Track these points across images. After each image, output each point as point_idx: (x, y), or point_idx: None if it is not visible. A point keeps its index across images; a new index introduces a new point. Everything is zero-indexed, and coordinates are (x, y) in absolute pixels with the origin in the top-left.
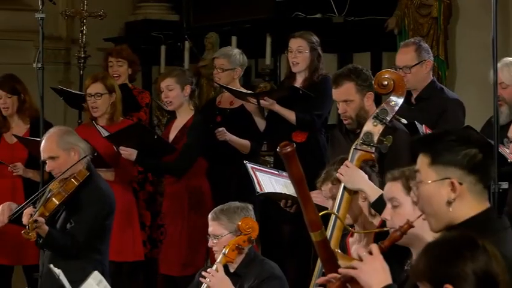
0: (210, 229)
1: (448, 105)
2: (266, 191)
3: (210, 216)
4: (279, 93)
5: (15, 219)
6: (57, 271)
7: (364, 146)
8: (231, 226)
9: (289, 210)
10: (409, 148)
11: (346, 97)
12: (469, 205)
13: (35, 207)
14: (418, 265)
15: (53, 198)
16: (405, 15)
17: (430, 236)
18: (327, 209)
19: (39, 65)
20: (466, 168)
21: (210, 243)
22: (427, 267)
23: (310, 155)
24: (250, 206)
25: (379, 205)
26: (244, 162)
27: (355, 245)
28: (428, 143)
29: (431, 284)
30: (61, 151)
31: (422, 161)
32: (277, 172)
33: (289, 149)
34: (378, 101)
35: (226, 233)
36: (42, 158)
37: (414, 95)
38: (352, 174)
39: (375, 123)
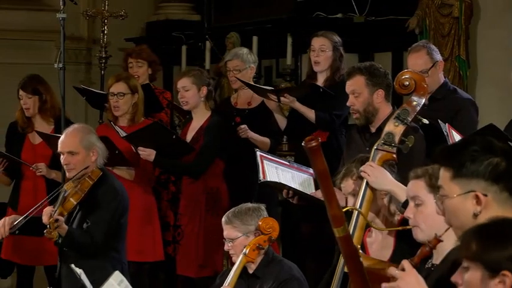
0: (224, 233)
1: (462, 105)
2: (268, 180)
3: (223, 220)
4: (299, 90)
5: (22, 228)
6: (79, 271)
7: (386, 147)
8: (244, 228)
9: (292, 201)
10: (432, 160)
11: (354, 88)
12: (495, 215)
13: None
14: (469, 245)
15: (71, 198)
16: (426, 15)
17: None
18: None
19: (61, 65)
20: (489, 179)
21: (226, 247)
22: (482, 248)
23: (330, 155)
24: (263, 207)
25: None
26: (255, 149)
27: (375, 245)
28: (449, 156)
29: (485, 267)
30: (82, 148)
31: (444, 175)
32: (288, 163)
33: (314, 144)
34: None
35: (240, 235)
36: (59, 150)
37: (427, 96)
38: (378, 174)
39: (396, 124)
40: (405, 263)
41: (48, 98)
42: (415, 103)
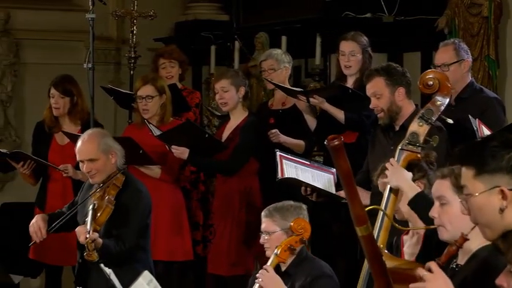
0: (262, 226)
1: (489, 104)
2: (286, 176)
3: (263, 213)
4: (328, 91)
5: (55, 227)
6: (108, 271)
7: (410, 147)
8: (283, 224)
9: (311, 198)
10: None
11: (374, 90)
12: None
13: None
14: None
15: (103, 213)
16: (455, 15)
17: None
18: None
19: (90, 65)
20: None
21: (261, 240)
22: None
23: (359, 156)
24: (304, 206)
25: (414, 203)
26: (275, 150)
27: (408, 242)
28: (469, 154)
29: None
30: (101, 154)
31: (466, 174)
32: (308, 163)
33: (336, 142)
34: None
35: (278, 229)
36: (79, 159)
37: (453, 96)
38: (394, 172)
39: (421, 124)
40: (432, 264)
41: (79, 101)
42: (439, 103)
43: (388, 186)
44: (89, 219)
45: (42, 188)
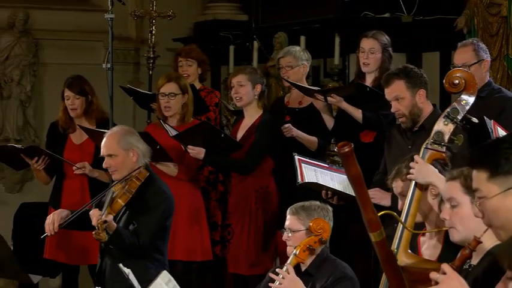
0: (287, 223)
1: (507, 104)
2: (306, 181)
3: (289, 210)
4: (346, 90)
5: (71, 223)
6: (127, 270)
7: (435, 146)
8: (308, 223)
9: (332, 202)
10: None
11: (396, 94)
12: None
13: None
14: None
15: (119, 199)
16: (474, 14)
17: (487, 236)
18: (384, 208)
19: (109, 66)
20: None
21: (284, 237)
22: None
23: (378, 155)
24: (330, 208)
25: None
26: (293, 154)
27: (426, 244)
28: (482, 157)
29: None
30: (120, 150)
31: (479, 177)
32: (327, 165)
33: (346, 149)
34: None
35: (302, 228)
36: (101, 154)
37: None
38: (421, 169)
39: (446, 123)
40: (445, 266)
41: (94, 100)
42: (464, 101)
43: (412, 185)
44: (105, 205)
45: (57, 188)
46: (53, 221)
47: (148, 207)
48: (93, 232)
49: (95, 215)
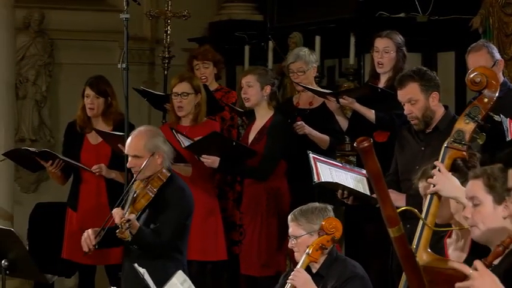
0: (289, 230)
1: None
2: (323, 180)
3: (289, 217)
4: (358, 91)
5: (108, 242)
6: (142, 270)
7: (456, 144)
8: (309, 227)
9: (347, 202)
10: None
11: (410, 96)
12: None
13: (122, 208)
14: None
15: (141, 199)
16: (490, 14)
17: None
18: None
19: (124, 66)
20: None
21: (289, 244)
22: None
23: (392, 155)
24: (330, 207)
25: None
26: (308, 152)
27: (453, 245)
28: None
29: None
30: (146, 152)
31: None
32: (340, 165)
33: (366, 144)
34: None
35: (304, 233)
36: (125, 152)
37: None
38: (445, 181)
39: (467, 121)
40: (478, 263)
41: (113, 102)
42: (486, 100)
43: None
44: (127, 204)
45: (74, 189)
46: (88, 237)
47: (168, 205)
48: (117, 231)
49: (117, 214)
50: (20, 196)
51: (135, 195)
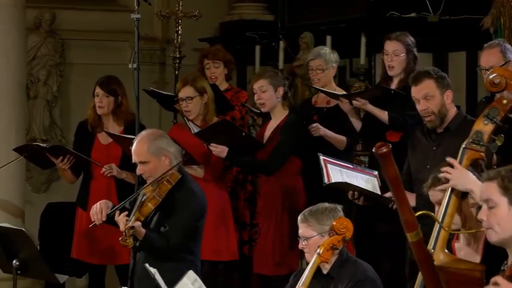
0: (299, 231)
1: None
2: (333, 181)
3: (299, 218)
4: (371, 93)
5: (109, 219)
6: (153, 270)
7: (474, 145)
8: (319, 228)
9: (357, 202)
10: None
11: (426, 92)
12: None
13: (128, 212)
14: None
15: (148, 203)
16: (501, 14)
17: None
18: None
19: (135, 66)
20: None
21: (300, 245)
22: None
23: (405, 155)
24: (340, 207)
25: None
26: (318, 154)
27: (463, 251)
28: None
29: None
30: (151, 156)
31: None
32: (351, 166)
33: (385, 150)
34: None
35: (314, 234)
36: (133, 161)
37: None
38: (460, 175)
39: (485, 122)
40: (498, 278)
41: (123, 101)
42: (505, 101)
43: (449, 191)
44: (134, 209)
45: (84, 188)
46: (100, 209)
47: (177, 208)
48: (120, 238)
49: (122, 220)
50: (31, 196)
51: (143, 199)
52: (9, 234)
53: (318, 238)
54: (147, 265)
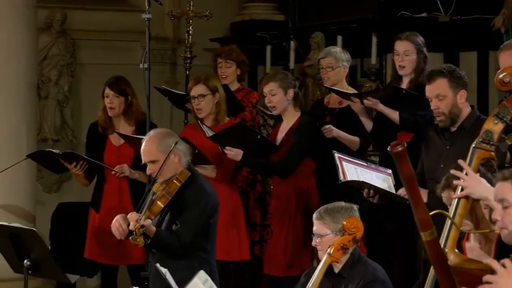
0: (314, 228)
1: None
2: (349, 179)
3: (314, 215)
4: (382, 92)
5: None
6: (164, 270)
7: (484, 145)
8: (334, 226)
9: (372, 201)
10: None
11: (438, 92)
12: None
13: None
14: None
15: (158, 202)
16: None
17: None
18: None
19: (146, 66)
20: None
21: (313, 242)
22: None
23: (415, 156)
24: (355, 207)
25: None
26: (333, 151)
27: (475, 252)
28: None
29: None
30: (161, 154)
31: None
32: (365, 164)
33: (400, 148)
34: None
35: (329, 232)
36: (142, 161)
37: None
38: (475, 183)
39: (496, 121)
40: (506, 261)
41: (134, 101)
42: None
43: (459, 189)
44: (144, 208)
45: (98, 189)
46: (119, 225)
47: (187, 206)
48: (130, 238)
49: (133, 218)
50: (42, 196)
51: (154, 197)
52: (21, 234)
53: (332, 236)
54: (158, 265)
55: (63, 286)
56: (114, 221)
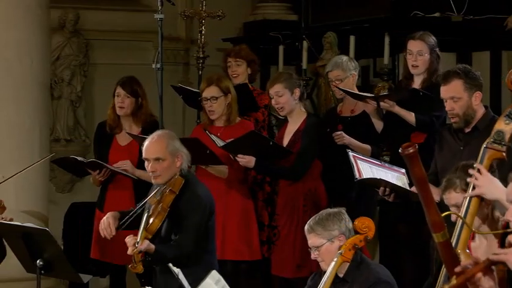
0: (309, 242)
1: None
2: (364, 177)
3: (305, 229)
4: (399, 95)
5: (124, 224)
6: (176, 270)
7: (495, 145)
8: (327, 234)
9: (388, 199)
10: None
11: (453, 94)
12: None
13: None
14: None
15: (155, 220)
16: None
17: None
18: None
19: (159, 66)
20: None
21: (312, 256)
22: None
23: (428, 156)
24: (343, 210)
25: None
26: (347, 150)
27: (480, 251)
28: None
29: None
30: (169, 155)
31: None
32: (380, 163)
33: (411, 150)
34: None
35: (324, 241)
36: (144, 157)
37: None
38: (488, 183)
39: (507, 122)
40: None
41: (144, 103)
42: None
43: (470, 189)
44: (140, 228)
45: (103, 190)
46: (108, 224)
47: (184, 215)
48: (129, 266)
49: (130, 243)
50: (55, 196)
51: (150, 213)
52: (33, 234)
53: (328, 245)
54: (170, 265)
55: (76, 286)
56: (104, 218)
